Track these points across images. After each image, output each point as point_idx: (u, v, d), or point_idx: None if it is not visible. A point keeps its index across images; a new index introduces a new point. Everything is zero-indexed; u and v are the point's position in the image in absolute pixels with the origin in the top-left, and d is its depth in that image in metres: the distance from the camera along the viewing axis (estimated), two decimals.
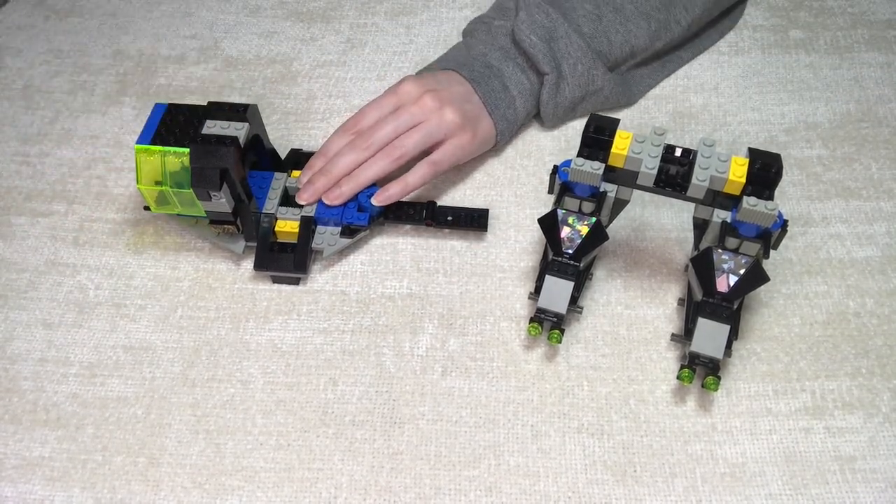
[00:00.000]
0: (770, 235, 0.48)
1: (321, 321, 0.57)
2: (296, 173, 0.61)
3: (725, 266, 0.49)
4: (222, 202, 0.54)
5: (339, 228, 0.60)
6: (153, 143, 0.54)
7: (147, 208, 0.58)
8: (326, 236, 0.59)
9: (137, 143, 0.54)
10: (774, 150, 0.53)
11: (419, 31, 0.78)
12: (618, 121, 0.51)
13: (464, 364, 0.55)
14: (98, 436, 0.52)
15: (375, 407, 0.53)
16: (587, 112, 0.68)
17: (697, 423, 0.51)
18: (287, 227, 0.59)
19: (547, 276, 0.51)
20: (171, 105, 0.56)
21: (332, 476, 0.50)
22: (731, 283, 0.49)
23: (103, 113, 0.73)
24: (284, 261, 0.58)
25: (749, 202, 0.47)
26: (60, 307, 0.59)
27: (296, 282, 0.59)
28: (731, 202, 0.49)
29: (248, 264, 0.61)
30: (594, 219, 0.52)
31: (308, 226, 0.59)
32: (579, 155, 0.51)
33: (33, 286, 0.60)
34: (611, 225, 0.55)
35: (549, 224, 0.52)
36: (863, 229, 0.61)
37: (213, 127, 0.54)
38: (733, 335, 0.51)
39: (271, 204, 0.59)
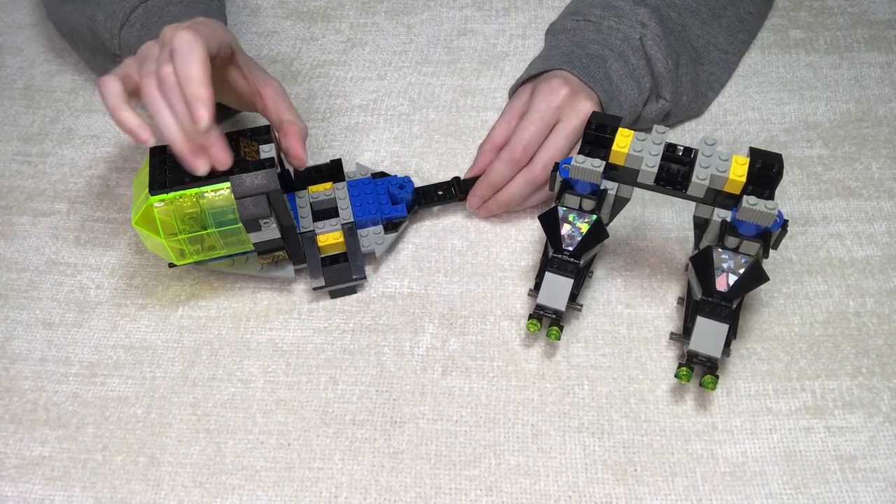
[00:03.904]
0: (770, 235, 0.48)
1: (322, 320, 0.57)
2: (314, 188, 0.60)
3: (725, 265, 0.49)
4: (272, 228, 0.52)
5: (381, 226, 0.59)
6: (170, 188, 0.49)
7: (171, 265, 0.54)
8: (372, 237, 0.59)
9: (151, 193, 0.48)
10: (775, 150, 0.53)
11: (419, 30, 0.78)
12: (619, 119, 0.51)
13: (464, 363, 0.55)
14: (98, 435, 0.52)
15: (376, 406, 0.53)
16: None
17: (698, 423, 0.51)
18: (331, 239, 0.58)
19: (546, 273, 0.51)
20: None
21: (332, 475, 0.50)
22: (731, 283, 0.49)
23: (104, 112, 0.73)
24: (342, 271, 0.57)
25: (749, 201, 0.47)
26: (61, 307, 0.59)
27: (353, 291, 0.59)
28: (732, 201, 0.49)
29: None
30: (594, 216, 0.52)
31: (353, 232, 0.58)
32: (580, 152, 0.51)
33: (34, 286, 0.61)
34: (611, 223, 0.55)
35: (550, 221, 0.52)
36: (863, 228, 0.61)
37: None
38: (732, 334, 0.51)
39: (307, 221, 0.58)
